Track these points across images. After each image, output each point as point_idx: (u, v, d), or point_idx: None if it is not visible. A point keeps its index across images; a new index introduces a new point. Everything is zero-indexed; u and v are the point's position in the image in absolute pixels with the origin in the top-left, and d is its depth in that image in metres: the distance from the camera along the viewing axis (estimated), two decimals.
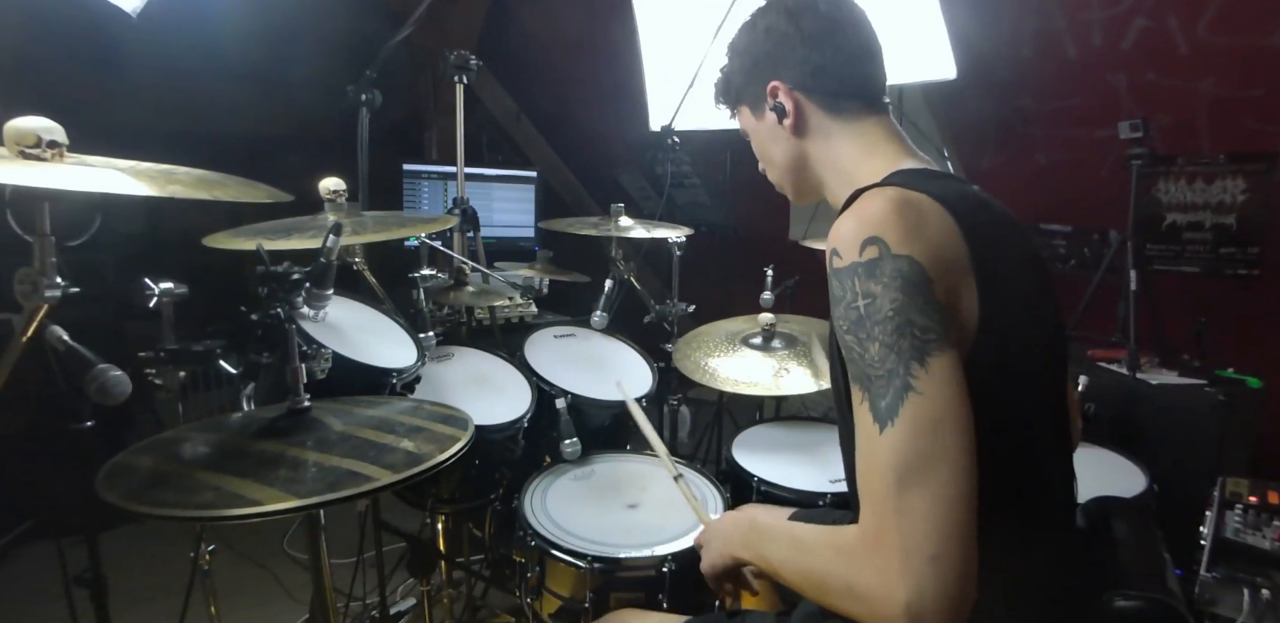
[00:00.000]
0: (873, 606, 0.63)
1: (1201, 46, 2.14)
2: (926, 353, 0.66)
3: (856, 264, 0.70)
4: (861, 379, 0.68)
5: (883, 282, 0.68)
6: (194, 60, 2.82)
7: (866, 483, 0.66)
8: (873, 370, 0.67)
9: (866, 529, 0.65)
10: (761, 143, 0.97)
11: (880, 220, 0.70)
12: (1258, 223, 2.13)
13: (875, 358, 0.67)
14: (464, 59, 1.81)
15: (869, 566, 0.64)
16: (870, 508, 0.65)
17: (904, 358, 0.66)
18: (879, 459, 0.65)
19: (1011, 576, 0.78)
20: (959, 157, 2.72)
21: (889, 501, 0.63)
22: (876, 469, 0.65)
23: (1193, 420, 1.76)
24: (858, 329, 0.69)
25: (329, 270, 1.00)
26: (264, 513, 0.76)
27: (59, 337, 0.86)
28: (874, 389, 0.67)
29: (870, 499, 0.65)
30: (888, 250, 0.68)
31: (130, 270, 0.82)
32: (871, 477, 0.65)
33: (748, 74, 0.93)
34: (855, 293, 0.69)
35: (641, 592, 1.24)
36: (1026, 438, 0.79)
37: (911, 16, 1.84)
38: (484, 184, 3.35)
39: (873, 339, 0.67)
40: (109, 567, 1.08)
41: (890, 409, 0.65)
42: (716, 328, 1.89)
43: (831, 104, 0.88)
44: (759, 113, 0.93)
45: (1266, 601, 1.38)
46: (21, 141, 0.77)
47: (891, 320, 0.67)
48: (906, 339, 0.66)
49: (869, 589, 0.64)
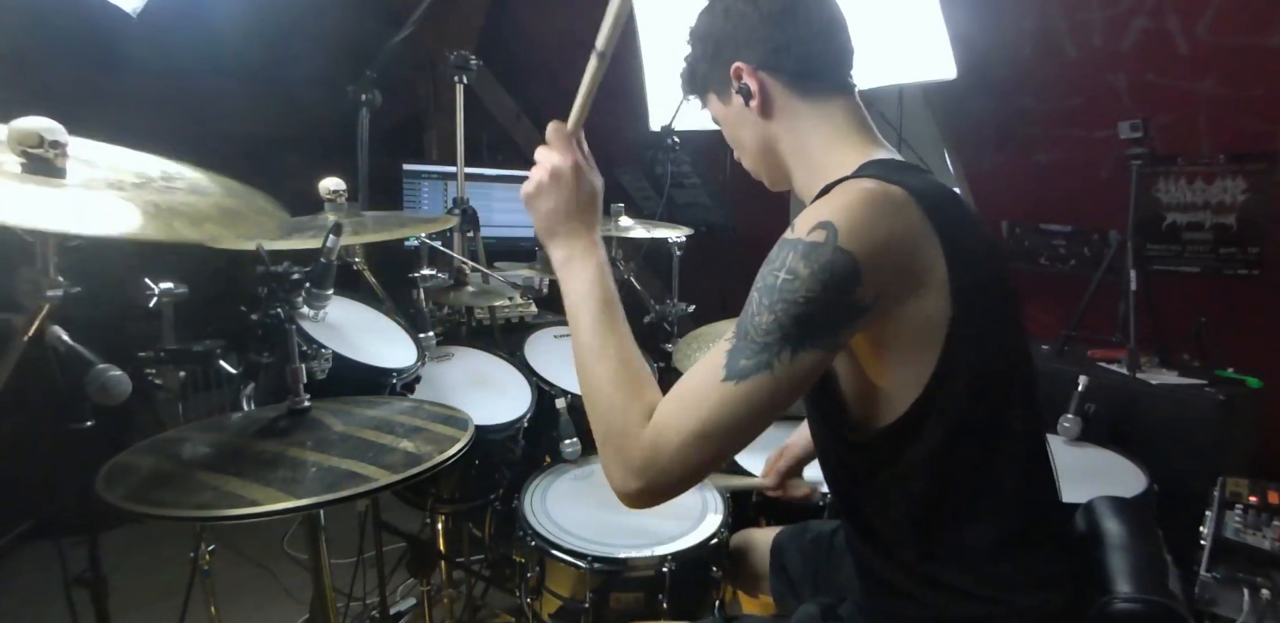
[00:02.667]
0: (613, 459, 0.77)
1: (1201, 46, 2.13)
2: (803, 346, 0.70)
3: (799, 241, 0.72)
4: (740, 330, 0.73)
5: (811, 268, 0.70)
6: (194, 60, 2.81)
7: (682, 400, 0.74)
8: (754, 332, 0.72)
9: (658, 435, 0.74)
10: (732, 128, 0.95)
11: (841, 209, 0.71)
12: (1258, 223, 2.13)
13: (762, 326, 0.71)
14: (464, 59, 1.81)
15: (634, 451, 0.75)
16: (671, 422, 0.74)
17: (784, 342, 0.70)
18: (706, 398, 0.72)
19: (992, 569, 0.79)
20: (959, 156, 2.72)
21: (687, 435, 0.72)
22: (698, 403, 0.73)
23: (1193, 420, 1.76)
24: (766, 294, 0.72)
25: (329, 270, 1.00)
26: (263, 513, 0.76)
27: (59, 337, 0.86)
28: (742, 346, 0.72)
29: (675, 416, 0.74)
30: (833, 240, 0.69)
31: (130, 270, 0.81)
32: (689, 401, 0.74)
33: (711, 59, 0.90)
34: (783, 264, 0.72)
35: (641, 592, 1.24)
36: (1002, 434, 0.79)
37: (911, 16, 1.84)
38: (484, 184, 3.35)
39: (771, 311, 0.71)
40: (109, 567, 1.08)
41: (744, 371, 0.71)
42: (716, 328, 1.89)
43: (798, 83, 0.87)
44: (725, 98, 0.91)
45: (1266, 601, 1.38)
46: (24, 142, 0.77)
47: (795, 306, 0.70)
48: (797, 327, 0.70)
49: (620, 455, 0.76)
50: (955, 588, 0.79)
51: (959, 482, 0.78)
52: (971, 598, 0.78)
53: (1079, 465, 1.60)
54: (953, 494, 0.79)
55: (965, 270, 0.73)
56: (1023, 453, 0.82)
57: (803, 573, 1.18)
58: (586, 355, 0.83)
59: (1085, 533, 0.90)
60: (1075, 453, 1.67)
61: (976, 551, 0.79)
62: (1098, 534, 0.88)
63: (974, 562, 0.79)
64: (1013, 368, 0.81)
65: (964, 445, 0.77)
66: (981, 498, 0.79)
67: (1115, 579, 0.80)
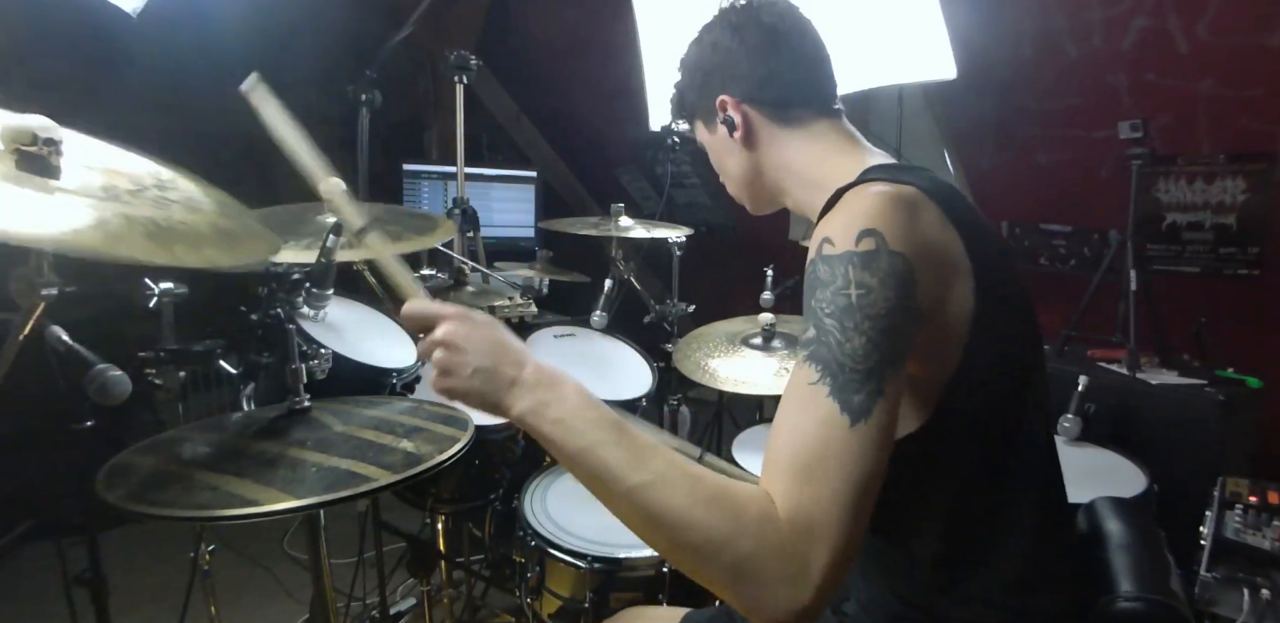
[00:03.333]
0: (763, 590, 0.58)
1: (1201, 46, 2.14)
2: (900, 362, 0.65)
3: (851, 253, 0.67)
4: (829, 365, 0.64)
5: (879, 276, 0.66)
6: (194, 60, 2.81)
7: (813, 469, 0.61)
8: (850, 362, 0.64)
9: (808, 522, 0.59)
10: (717, 156, 0.98)
11: (876, 214, 0.69)
12: (1258, 223, 2.13)
13: (859, 352, 0.64)
14: (464, 59, 1.81)
15: (785, 560, 0.58)
16: (818, 498, 0.60)
17: (886, 361, 0.64)
18: (845, 453, 0.61)
19: (1009, 571, 0.78)
20: (959, 157, 2.72)
21: (845, 503, 0.60)
22: (840, 462, 0.61)
23: (1193, 420, 1.76)
24: (845, 317, 0.65)
25: (329, 270, 1.00)
26: (263, 513, 0.76)
27: (59, 337, 0.86)
28: (844, 381, 0.63)
29: (818, 488, 0.60)
30: (884, 245, 0.67)
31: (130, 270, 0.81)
32: (825, 465, 0.61)
33: (699, 89, 0.93)
34: (848, 280, 0.66)
35: (641, 592, 1.24)
36: (1018, 435, 0.79)
37: (911, 16, 1.84)
38: (484, 184, 3.36)
39: (860, 332, 0.65)
40: (109, 567, 1.08)
41: (864, 407, 0.62)
42: (716, 328, 1.89)
43: (780, 114, 0.89)
44: (711, 127, 0.94)
45: (1266, 601, 1.38)
46: (18, 140, 0.77)
47: (884, 319, 0.65)
48: (890, 342, 0.65)
49: (771, 576, 0.58)
50: (964, 592, 0.79)
51: (975, 486, 0.77)
52: (979, 602, 0.78)
53: (1079, 466, 1.60)
54: (969, 499, 0.78)
55: (986, 266, 0.72)
56: (1037, 456, 0.81)
57: None
58: (640, 496, 0.63)
59: (1087, 533, 0.90)
60: (1075, 453, 1.67)
61: (989, 555, 0.79)
62: (1099, 534, 0.88)
63: (985, 566, 0.78)
64: (1030, 367, 0.81)
65: (982, 449, 0.76)
66: (998, 502, 0.79)
67: (1117, 579, 0.80)
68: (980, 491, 0.78)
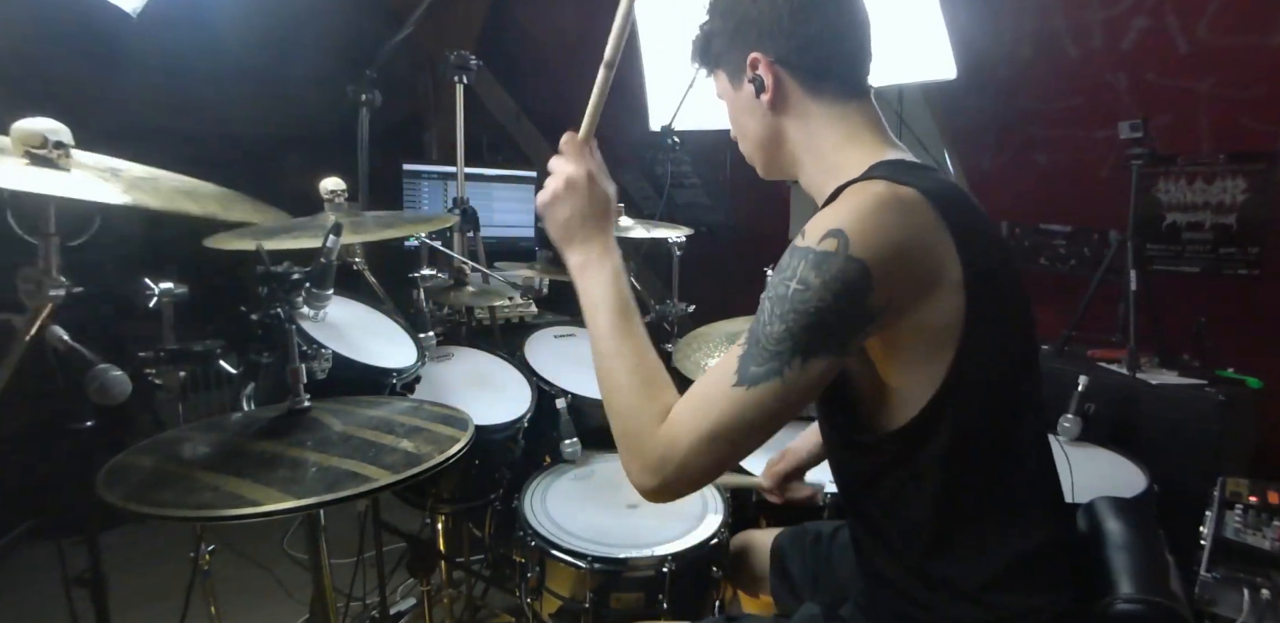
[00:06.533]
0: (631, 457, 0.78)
1: (1201, 46, 2.14)
2: (813, 354, 0.71)
3: (809, 250, 0.71)
4: (753, 336, 0.74)
5: (822, 278, 0.70)
6: (194, 60, 2.81)
7: (695, 403, 0.76)
8: (765, 340, 0.72)
9: (672, 436, 0.75)
10: (736, 113, 0.92)
11: (853, 217, 0.71)
12: (1258, 223, 2.13)
13: (774, 335, 0.72)
14: (464, 59, 1.81)
15: (650, 450, 0.76)
16: (684, 424, 0.75)
17: (795, 350, 0.71)
18: (717, 402, 0.73)
19: (1007, 571, 0.78)
20: (959, 157, 2.72)
21: (700, 437, 0.73)
22: (710, 406, 0.74)
23: (1193, 420, 1.76)
24: (777, 303, 0.72)
25: (329, 270, 1.00)
26: (263, 513, 0.76)
27: (59, 337, 0.86)
28: (754, 352, 0.73)
29: (688, 417, 0.75)
30: (844, 249, 0.69)
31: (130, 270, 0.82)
32: (701, 404, 0.75)
33: (729, 39, 0.87)
34: (794, 273, 0.72)
35: (641, 592, 1.24)
36: (1012, 435, 0.80)
37: (911, 16, 1.84)
38: (484, 184, 3.35)
39: (782, 320, 0.71)
40: (109, 567, 1.07)
41: (755, 377, 0.72)
42: (716, 328, 1.89)
43: (813, 84, 0.84)
44: (736, 82, 0.89)
45: (1266, 601, 1.38)
46: (28, 142, 0.77)
47: (806, 316, 0.70)
48: (807, 336, 0.71)
49: (637, 454, 0.78)
50: (960, 591, 0.79)
51: (968, 484, 0.78)
52: (975, 601, 0.78)
53: (1079, 466, 1.59)
54: (962, 497, 0.78)
55: (979, 271, 0.72)
56: (1031, 455, 0.81)
57: (803, 574, 1.18)
58: (604, 358, 0.84)
59: (1087, 534, 0.90)
60: (1075, 453, 1.67)
61: (983, 553, 0.79)
62: (1099, 535, 0.88)
63: (980, 564, 0.79)
64: (1024, 369, 0.81)
65: (975, 448, 0.77)
66: (990, 501, 0.79)
67: (1117, 580, 0.80)
68: (975, 490, 0.78)
